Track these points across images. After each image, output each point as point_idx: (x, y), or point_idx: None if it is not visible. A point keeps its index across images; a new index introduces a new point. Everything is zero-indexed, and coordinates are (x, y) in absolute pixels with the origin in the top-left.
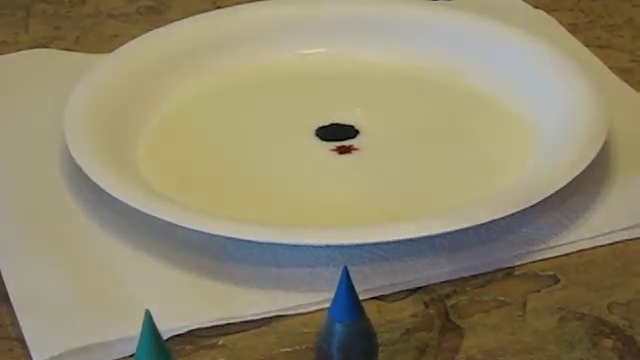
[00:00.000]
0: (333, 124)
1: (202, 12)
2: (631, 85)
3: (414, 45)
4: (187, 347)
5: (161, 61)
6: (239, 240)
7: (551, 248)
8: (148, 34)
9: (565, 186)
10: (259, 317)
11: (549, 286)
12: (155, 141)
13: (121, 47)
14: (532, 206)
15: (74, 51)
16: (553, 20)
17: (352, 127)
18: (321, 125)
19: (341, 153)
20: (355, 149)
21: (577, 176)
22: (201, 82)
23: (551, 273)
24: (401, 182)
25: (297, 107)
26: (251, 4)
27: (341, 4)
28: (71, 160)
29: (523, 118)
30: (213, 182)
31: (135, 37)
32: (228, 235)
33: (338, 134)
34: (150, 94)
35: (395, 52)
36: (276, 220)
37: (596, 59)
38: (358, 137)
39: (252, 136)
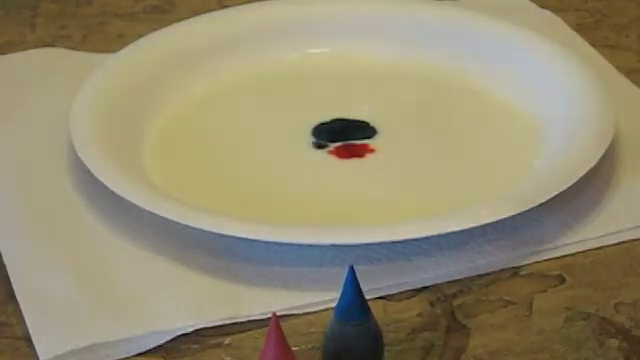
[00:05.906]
0: (337, 121)
1: (208, 11)
2: (637, 85)
3: (418, 45)
4: (193, 346)
5: (167, 60)
6: (245, 239)
7: (557, 248)
8: (154, 33)
9: (571, 186)
10: (265, 317)
11: (555, 286)
12: (160, 140)
13: (127, 46)
14: (538, 206)
15: (80, 50)
16: (559, 20)
17: (367, 125)
18: (325, 125)
19: (341, 156)
20: (371, 150)
21: (583, 176)
22: (207, 81)
23: (557, 273)
24: (407, 181)
25: (302, 107)
26: (257, 3)
27: (346, 3)
28: (77, 159)
29: (529, 118)
30: (217, 182)
31: (141, 36)
32: (234, 235)
33: (352, 135)
34: (156, 93)
35: (399, 52)
36: (281, 220)
37: (602, 59)
38: (372, 137)
39: (258, 136)
